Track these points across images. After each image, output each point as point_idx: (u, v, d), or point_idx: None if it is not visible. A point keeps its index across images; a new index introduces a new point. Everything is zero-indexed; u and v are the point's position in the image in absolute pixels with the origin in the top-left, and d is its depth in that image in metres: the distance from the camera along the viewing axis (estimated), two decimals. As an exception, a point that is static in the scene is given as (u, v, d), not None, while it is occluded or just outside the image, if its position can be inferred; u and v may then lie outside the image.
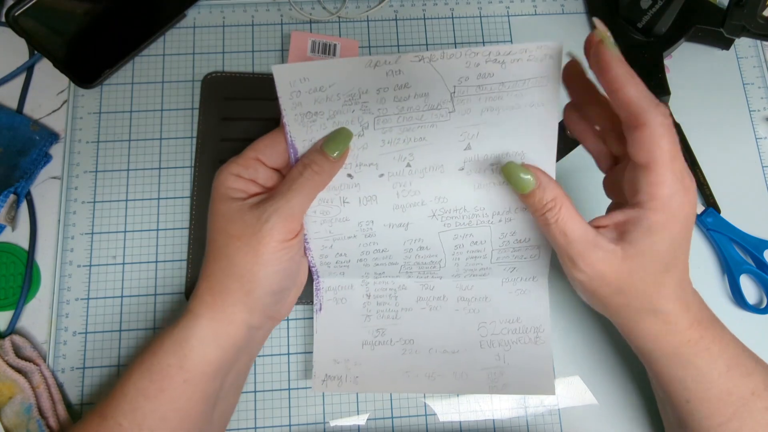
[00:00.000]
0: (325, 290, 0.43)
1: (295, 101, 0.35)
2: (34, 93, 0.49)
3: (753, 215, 0.48)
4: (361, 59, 0.33)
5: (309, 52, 0.48)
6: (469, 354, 0.42)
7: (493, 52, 0.33)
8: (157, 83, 0.49)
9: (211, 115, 0.48)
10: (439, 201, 0.38)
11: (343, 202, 0.38)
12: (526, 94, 0.34)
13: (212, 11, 0.52)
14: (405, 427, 0.43)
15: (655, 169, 0.30)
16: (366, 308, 0.43)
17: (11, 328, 0.44)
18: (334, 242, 0.40)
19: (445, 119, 0.35)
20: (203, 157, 0.47)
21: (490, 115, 0.35)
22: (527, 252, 0.40)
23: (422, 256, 0.40)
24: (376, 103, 0.35)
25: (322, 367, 0.42)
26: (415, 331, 0.43)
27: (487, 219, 0.38)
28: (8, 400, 0.41)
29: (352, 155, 0.37)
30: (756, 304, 0.46)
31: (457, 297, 0.43)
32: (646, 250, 0.32)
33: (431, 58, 0.33)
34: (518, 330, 0.42)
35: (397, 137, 0.36)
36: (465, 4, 0.53)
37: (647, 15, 0.50)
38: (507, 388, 0.41)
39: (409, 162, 0.37)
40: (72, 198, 0.47)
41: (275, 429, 0.43)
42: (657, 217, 0.31)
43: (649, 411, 0.44)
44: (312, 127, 0.36)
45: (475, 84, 0.34)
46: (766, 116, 0.51)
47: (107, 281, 0.45)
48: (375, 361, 0.42)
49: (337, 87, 0.34)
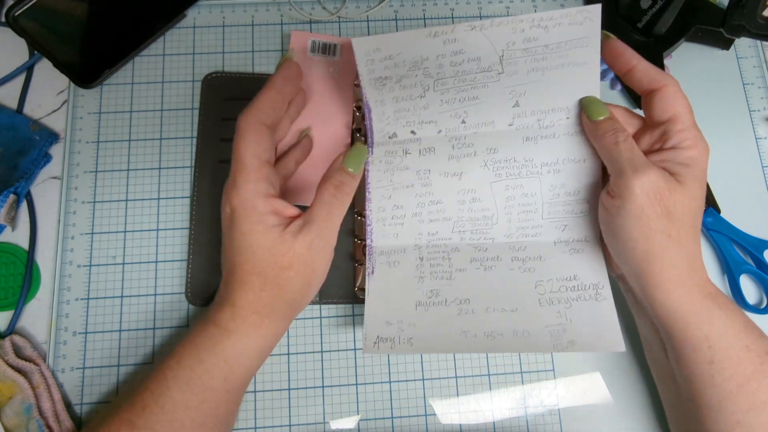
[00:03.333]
0: (378, 254, 0.43)
1: (369, 68, 0.40)
2: (34, 93, 0.49)
3: (753, 215, 0.48)
4: (423, 30, 0.38)
5: (309, 51, 0.48)
6: (529, 312, 0.40)
7: (536, 18, 0.37)
8: (157, 83, 0.49)
9: (211, 115, 0.48)
10: (490, 152, 0.41)
11: (405, 153, 0.42)
12: (569, 55, 0.38)
13: (212, 11, 0.52)
14: (405, 427, 0.43)
15: (682, 118, 0.36)
16: (419, 270, 0.42)
17: (11, 328, 0.44)
18: (393, 191, 0.42)
19: (495, 80, 0.40)
20: (204, 157, 0.47)
21: (536, 75, 0.39)
22: (577, 207, 0.41)
23: (475, 210, 0.42)
24: (435, 68, 0.39)
25: (373, 329, 0.40)
26: (470, 291, 0.41)
27: (536, 170, 0.41)
28: (8, 400, 0.41)
29: (415, 114, 0.41)
30: (756, 304, 0.46)
31: (511, 257, 0.42)
32: (692, 179, 0.36)
33: (482, 26, 0.37)
34: (577, 287, 0.41)
35: (453, 97, 0.41)
36: (465, 4, 0.53)
37: (647, 15, 0.50)
38: (573, 345, 0.39)
39: (464, 119, 0.41)
40: (72, 198, 0.47)
41: (275, 429, 0.43)
42: (691, 152, 0.36)
43: (650, 411, 0.44)
44: (383, 90, 0.41)
45: (522, 47, 0.38)
46: (766, 116, 0.51)
47: (107, 281, 0.45)
48: (430, 322, 0.40)
49: (403, 55, 0.39)
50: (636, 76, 0.38)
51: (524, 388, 0.44)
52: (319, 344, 0.45)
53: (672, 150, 0.36)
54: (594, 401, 0.44)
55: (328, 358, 0.44)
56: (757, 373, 0.35)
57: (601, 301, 0.40)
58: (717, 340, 0.36)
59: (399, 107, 0.42)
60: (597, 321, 0.39)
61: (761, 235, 0.47)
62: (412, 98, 0.41)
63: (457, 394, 0.44)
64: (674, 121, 0.37)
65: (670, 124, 0.37)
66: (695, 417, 0.37)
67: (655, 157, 0.37)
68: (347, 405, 0.44)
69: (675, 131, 0.36)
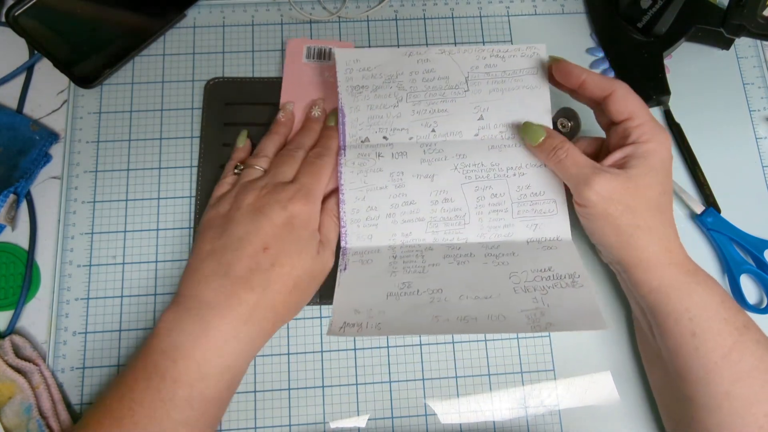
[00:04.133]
0: (352, 254, 0.43)
1: (347, 76, 0.45)
2: (34, 93, 0.49)
3: (753, 215, 0.48)
4: (399, 50, 0.46)
5: (305, 58, 0.49)
6: (504, 299, 0.40)
7: (495, 50, 0.45)
8: (157, 83, 0.49)
9: (213, 120, 0.48)
10: (459, 157, 0.44)
11: (378, 156, 0.45)
12: (523, 80, 0.45)
13: (212, 11, 0.52)
14: (405, 427, 0.43)
15: (637, 115, 0.39)
16: (392, 266, 0.43)
17: (11, 328, 0.44)
18: (367, 193, 0.44)
19: (462, 96, 0.45)
20: (206, 163, 0.47)
21: (497, 95, 0.45)
22: (545, 206, 0.44)
23: (447, 210, 0.44)
24: (409, 82, 0.45)
25: (341, 316, 0.40)
26: (442, 281, 0.41)
27: (502, 173, 0.44)
28: (8, 400, 0.41)
29: (388, 121, 0.45)
30: (756, 304, 0.46)
31: (485, 254, 0.43)
32: (646, 171, 0.38)
33: (450, 51, 0.45)
34: (552, 277, 0.41)
35: (424, 108, 0.45)
36: (465, 4, 0.53)
37: (647, 15, 0.50)
38: (552, 326, 0.38)
39: (434, 128, 0.45)
40: (72, 198, 0.47)
41: (275, 429, 0.43)
42: (649, 145, 0.39)
43: (650, 412, 0.44)
44: (358, 98, 0.45)
45: (484, 71, 0.45)
46: (766, 116, 0.51)
47: (107, 281, 0.45)
48: (400, 310, 0.40)
49: (381, 68, 0.45)
50: (588, 87, 0.41)
51: (524, 388, 0.44)
52: (319, 344, 0.45)
53: (632, 144, 0.39)
54: (595, 402, 0.44)
55: (328, 358, 0.44)
56: (738, 344, 0.37)
57: (578, 288, 0.40)
58: (697, 312, 0.37)
59: (373, 114, 0.45)
60: (575, 305, 0.40)
61: (761, 235, 0.47)
62: (385, 107, 0.45)
63: (457, 394, 0.44)
64: (631, 119, 0.40)
65: (628, 121, 0.40)
66: (684, 394, 0.38)
67: (618, 154, 0.40)
68: (347, 405, 0.44)
69: (632, 127, 0.39)
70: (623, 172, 0.38)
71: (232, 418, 0.42)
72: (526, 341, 0.45)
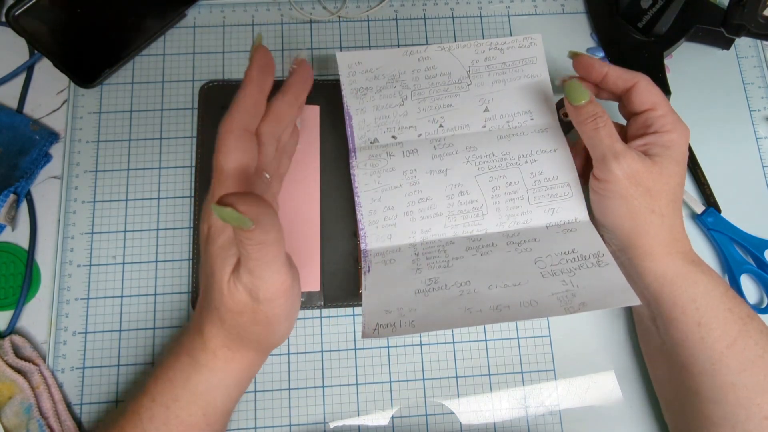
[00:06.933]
0: (373, 255, 0.43)
1: (351, 79, 0.46)
2: (34, 93, 0.49)
3: (753, 215, 0.48)
4: (400, 50, 0.46)
5: None
6: (533, 285, 0.40)
7: (493, 42, 0.46)
8: (157, 83, 0.49)
9: (209, 124, 0.48)
10: (470, 150, 0.45)
11: (389, 155, 0.45)
12: (523, 70, 0.46)
13: (212, 11, 0.52)
14: (405, 427, 0.43)
15: (659, 105, 0.40)
16: (416, 264, 0.42)
17: (11, 328, 0.44)
18: (383, 193, 0.44)
19: (466, 90, 0.46)
20: (204, 163, 0.47)
21: (499, 86, 0.46)
22: (560, 190, 0.44)
23: (464, 203, 0.44)
24: (412, 80, 0.46)
25: (372, 318, 0.39)
26: (469, 274, 0.41)
27: (514, 161, 0.45)
28: (8, 400, 0.41)
29: (395, 120, 0.45)
30: (756, 303, 0.46)
31: (506, 242, 0.43)
32: (668, 159, 0.39)
33: (450, 48, 0.46)
34: (577, 258, 0.41)
35: (429, 105, 0.46)
36: (465, 4, 0.53)
37: (647, 15, 0.50)
38: (585, 306, 0.38)
39: (441, 123, 0.45)
40: (72, 198, 0.47)
41: (275, 429, 0.43)
42: (672, 135, 0.39)
43: (650, 412, 0.44)
44: (363, 99, 0.46)
45: (485, 64, 0.46)
46: (766, 116, 0.51)
47: (107, 281, 0.45)
48: (431, 305, 0.39)
49: (383, 69, 0.46)
50: (610, 80, 0.41)
51: (525, 388, 0.44)
52: (319, 344, 0.45)
53: (654, 134, 0.40)
54: (595, 402, 0.44)
55: (328, 358, 0.44)
56: (742, 333, 0.37)
57: (603, 267, 0.40)
58: (703, 301, 0.38)
59: (379, 114, 0.45)
60: (604, 283, 0.39)
61: (761, 235, 0.47)
62: (391, 106, 0.45)
63: (458, 394, 0.44)
64: (653, 110, 0.40)
65: (650, 112, 0.40)
66: (689, 387, 0.38)
67: (639, 141, 0.40)
68: (347, 405, 0.44)
69: (655, 118, 0.40)
70: (648, 158, 0.39)
71: (232, 417, 0.42)
72: (526, 341, 0.45)
